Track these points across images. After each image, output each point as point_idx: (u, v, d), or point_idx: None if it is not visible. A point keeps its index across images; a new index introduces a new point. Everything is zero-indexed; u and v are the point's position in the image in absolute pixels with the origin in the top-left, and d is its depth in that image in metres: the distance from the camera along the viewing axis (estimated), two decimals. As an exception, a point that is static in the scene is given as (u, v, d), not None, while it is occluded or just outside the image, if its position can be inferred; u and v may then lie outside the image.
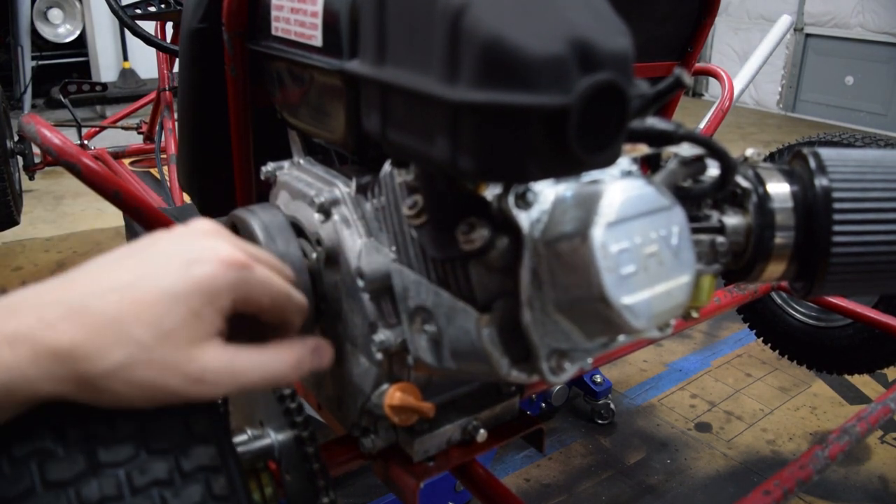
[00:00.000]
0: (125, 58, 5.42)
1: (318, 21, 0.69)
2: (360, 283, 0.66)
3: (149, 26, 2.28)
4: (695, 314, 0.66)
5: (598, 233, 0.46)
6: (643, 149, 0.59)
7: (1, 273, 2.90)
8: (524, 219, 0.50)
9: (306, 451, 0.66)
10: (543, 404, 1.95)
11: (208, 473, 0.46)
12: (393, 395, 0.68)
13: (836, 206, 0.61)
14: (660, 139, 0.56)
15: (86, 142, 2.75)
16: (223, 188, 0.99)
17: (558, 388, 1.89)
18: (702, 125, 1.96)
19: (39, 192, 3.84)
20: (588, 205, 0.48)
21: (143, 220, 0.99)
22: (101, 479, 0.43)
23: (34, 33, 4.82)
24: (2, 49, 5.11)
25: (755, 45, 2.79)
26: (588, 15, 0.44)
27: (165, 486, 0.44)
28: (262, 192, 0.91)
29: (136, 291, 0.44)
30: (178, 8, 2.07)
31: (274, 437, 0.75)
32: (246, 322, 0.52)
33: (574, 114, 0.41)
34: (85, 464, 0.44)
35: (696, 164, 0.61)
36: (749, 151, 0.67)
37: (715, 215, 0.64)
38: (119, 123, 2.96)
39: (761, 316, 1.80)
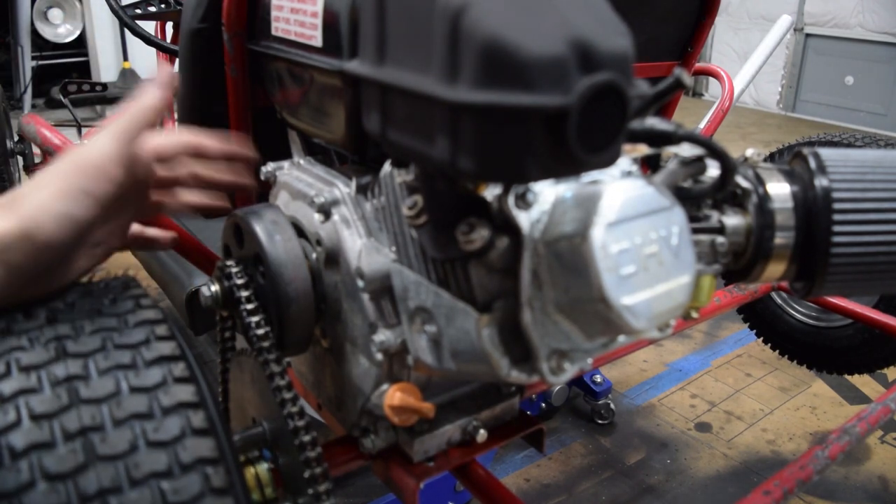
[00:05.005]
0: (125, 58, 5.42)
1: (318, 21, 0.69)
2: (360, 283, 0.66)
3: (149, 26, 2.27)
4: (695, 314, 0.66)
5: (598, 233, 0.46)
6: (643, 149, 0.59)
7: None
8: (524, 219, 0.50)
9: (288, 409, 0.65)
10: (543, 404, 1.95)
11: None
12: (393, 395, 0.68)
13: (836, 206, 0.61)
14: (660, 139, 0.56)
15: (86, 142, 2.74)
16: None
17: (558, 388, 1.89)
18: (702, 125, 1.96)
19: (39, 192, 3.82)
20: (588, 205, 0.48)
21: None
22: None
23: (34, 33, 4.82)
24: (2, 49, 5.11)
25: (755, 45, 2.79)
26: (588, 15, 0.44)
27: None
28: (262, 192, 0.91)
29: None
30: (178, 8, 2.06)
31: (265, 426, 0.75)
32: None
33: (574, 114, 0.41)
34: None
35: (695, 165, 0.61)
36: (749, 152, 0.67)
37: (715, 215, 0.64)
38: (119, 123, 2.94)
39: (761, 316, 1.80)
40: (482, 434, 0.80)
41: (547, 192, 0.51)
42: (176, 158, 0.68)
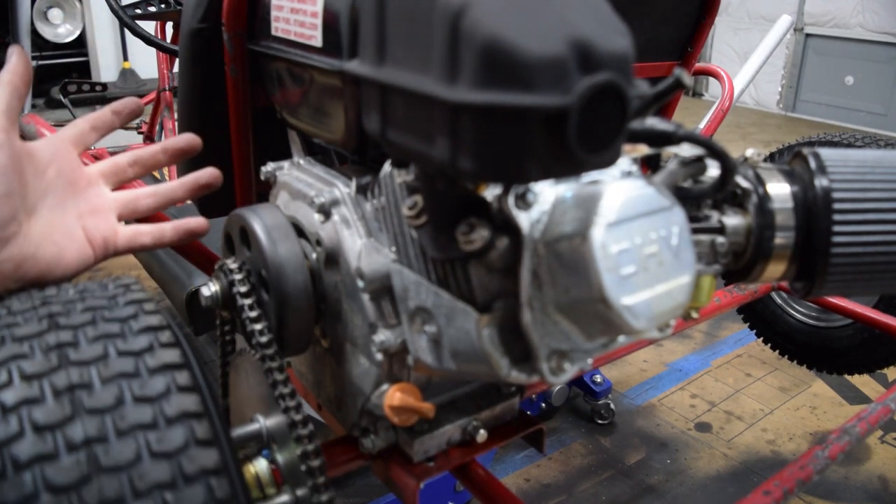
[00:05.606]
0: (125, 58, 5.42)
1: (318, 21, 0.69)
2: (361, 283, 0.66)
3: (149, 26, 2.27)
4: (695, 314, 0.66)
5: (598, 233, 0.46)
6: (643, 149, 0.59)
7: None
8: (524, 219, 0.50)
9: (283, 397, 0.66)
10: (543, 404, 1.95)
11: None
12: (393, 395, 0.68)
13: (836, 206, 0.61)
14: (660, 140, 0.56)
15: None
16: (223, 188, 0.99)
17: (558, 388, 1.89)
18: (702, 125, 1.96)
19: (39, 192, 3.82)
20: (588, 205, 0.48)
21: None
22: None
23: (34, 33, 4.81)
24: (2, 49, 5.11)
25: (755, 45, 2.79)
26: (588, 15, 0.44)
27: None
28: (263, 192, 0.91)
29: None
30: (178, 8, 2.07)
31: (263, 422, 0.75)
32: None
33: (574, 114, 0.41)
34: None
35: (695, 165, 0.61)
36: (749, 152, 0.67)
37: (715, 216, 0.64)
38: (119, 123, 2.95)
39: (761, 316, 1.80)
40: (482, 434, 0.80)
41: (547, 192, 0.51)
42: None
